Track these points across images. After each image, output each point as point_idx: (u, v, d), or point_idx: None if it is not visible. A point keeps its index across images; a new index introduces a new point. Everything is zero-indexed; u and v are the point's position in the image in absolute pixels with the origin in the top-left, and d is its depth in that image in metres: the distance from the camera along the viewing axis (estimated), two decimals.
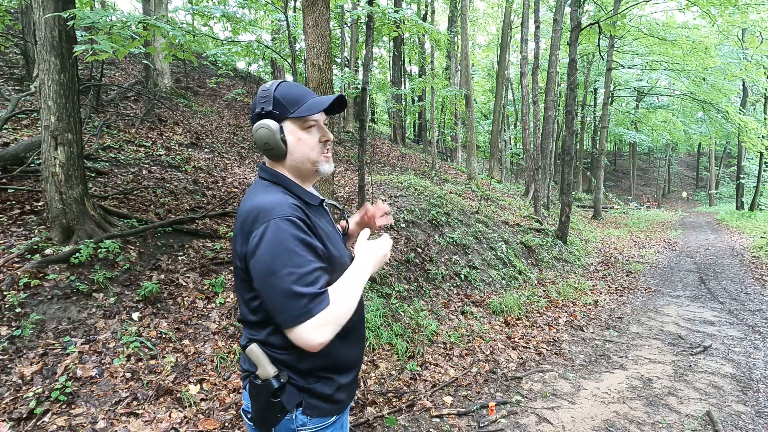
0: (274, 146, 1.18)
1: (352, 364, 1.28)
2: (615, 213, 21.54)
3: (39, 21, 3.68)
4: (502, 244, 7.39)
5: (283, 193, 1.19)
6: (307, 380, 1.17)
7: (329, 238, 1.21)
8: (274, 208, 1.10)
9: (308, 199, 1.24)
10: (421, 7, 22.54)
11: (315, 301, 1.05)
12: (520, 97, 17.86)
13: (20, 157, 4.79)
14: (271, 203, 1.11)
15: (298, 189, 1.23)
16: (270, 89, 1.20)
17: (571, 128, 10.88)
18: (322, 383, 1.19)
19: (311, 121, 1.21)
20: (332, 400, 1.21)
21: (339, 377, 1.23)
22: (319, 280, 1.08)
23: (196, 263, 4.25)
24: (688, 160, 45.37)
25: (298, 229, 1.08)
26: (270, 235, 1.06)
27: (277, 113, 1.18)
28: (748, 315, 5.84)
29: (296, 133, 1.19)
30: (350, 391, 1.30)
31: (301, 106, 1.18)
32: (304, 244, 1.08)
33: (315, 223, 1.17)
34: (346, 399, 1.28)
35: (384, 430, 2.90)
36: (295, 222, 1.09)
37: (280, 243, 1.06)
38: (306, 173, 1.25)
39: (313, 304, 1.04)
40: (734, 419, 3.16)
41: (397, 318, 4.38)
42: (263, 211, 1.10)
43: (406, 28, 7.75)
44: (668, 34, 14.63)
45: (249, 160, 8.88)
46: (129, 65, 11.07)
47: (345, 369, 1.25)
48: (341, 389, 1.24)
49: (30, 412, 2.47)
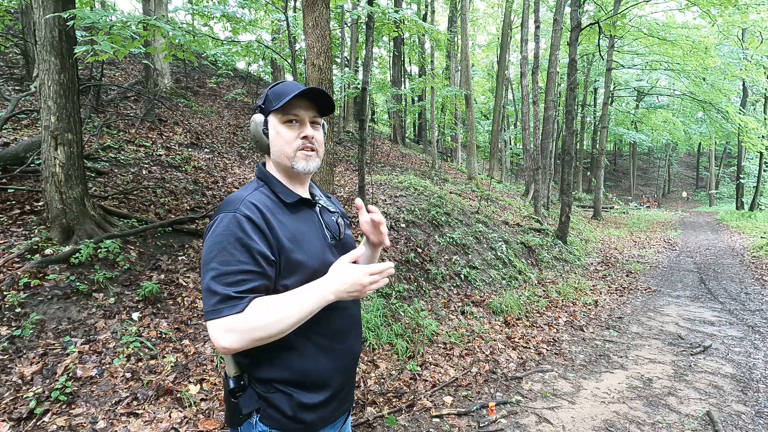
0: (258, 139, 1.21)
1: (321, 383, 1.17)
2: (615, 213, 21.55)
3: (39, 21, 3.68)
4: (502, 244, 7.39)
5: (258, 188, 1.18)
6: (265, 388, 1.13)
7: (296, 241, 1.13)
8: (231, 202, 1.11)
9: (284, 196, 1.19)
10: (421, 7, 22.55)
11: (226, 303, 1.01)
12: (520, 97, 17.86)
13: (20, 157, 4.79)
14: (233, 198, 1.13)
15: (277, 186, 1.20)
16: (269, 87, 1.24)
17: (571, 128, 10.88)
18: (280, 396, 1.12)
19: (291, 115, 1.18)
20: (294, 419, 1.13)
21: (300, 394, 1.13)
22: (241, 283, 1.03)
23: (196, 263, 4.25)
24: (688, 160, 45.37)
25: (238, 228, 1.05)
26: (214, 228, 1.08)
27: (264, 107, 1.21)
28: (748, 315, 5.84)
29: (276, 126, 1.19)
30: (324, 413, 1.19)
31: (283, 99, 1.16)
32: (240, 243, 1.04)
33: (272, 223, 1.10)
34: (315, 423, 1.17)
35: (384, 430, 2.90)
36: (239, 219, 1.06)
37: (216, 237, 1.06)
38: (286, 170, 1.22)
39: (224, 305, 1.01)
40: (734, 419, 3.16)
41: (397, 318, 4.38)
42: (223, 204, 1.12)
43: (406, 28, 7.75)
44: (668, 34, 14.64)
45: (249, 160, 8.87)
46: (129, 65, 11.07)
47: (311, 387, 1.15)
48: (305, 409, 1.14)
49: (30, 412, 2.47)
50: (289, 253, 1.11)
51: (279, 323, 1.02)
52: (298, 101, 1.18)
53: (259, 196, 1.15)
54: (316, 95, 1.20)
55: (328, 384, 1.19)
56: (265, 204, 1.13)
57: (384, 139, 19.36)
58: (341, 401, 1.25)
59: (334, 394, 1.21)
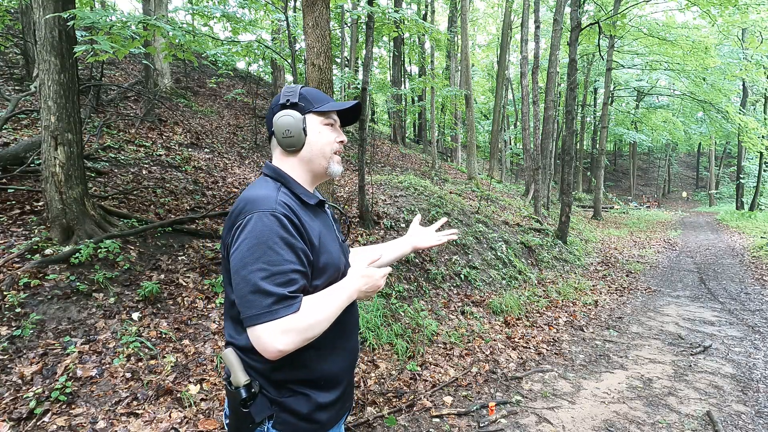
0: (295, 134, 1.18)
1: (334, 382, 1.19)
2: (615, 213, 21.55)
3: (39, 21, 3.68)
4: (502, 244, 7.39)
5: (278, 189, 1.15)
6: (280, 392, 1.11)
7: (321, 242, 1.15)
8: (262, 200, 1.07)
9: (305, 197, 1.19)
10: (421, 7, 22.55)
11: (283, 303, 0.99)
12: (520, 97, 17.86)
13: (20, 157, 4.79)
14: (260, 196, 1.09)
15: (297, 187, 1.19)
16: (297, 87, 1.25)
17: (571, 128, 10.88)
18: (297, 398, 1.12)
19: (332, 119, 1.24)
20: (309, 420, 1.13)
21: (317, 394, 1.14)
22: (292, 283, 1.02)
23: (196, 263, 4.25)
24: (688, 160, 45.37)
25: (280, 226, 1.04)
26: (251, 227, 1.03)
27: (302, 105, 1.21)
28: (748, 315, 5.84)
29: (317, 126, 1.22)
30: (334, 412, 1.20)
31: (325, 104, 1.23)
32: (284, 242, 1.03)
33: (305, 224, 1.11)
34: (328, 421, 1.19)
35: (384, 430, 2.90)
36: (278, 218, 1.05)
37: (258, 236, 1.02)
38: (316, 169, 1.23)
39: (280, 305, 0.99)
40: (734, 419, 3.16)
41: (397, 318, 4.38)
42: (250, 202, 1.08)
43: (406, 28, 7.76)
44: (668, 34, 14.64)
45: (249, 160, 8.87)
46: (129, 65, 11.07)
47: (325, 386, 1.16)
48: (321, 409, 1.15)
49: (30, 412, 2.47)
50: (318, 254, 1.13)
51: (325, 321, 1.06)
52: None
53: (285, 197, 1.13)
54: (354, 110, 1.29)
55: (341, 382, 1.22)
56: (292, 205, 1.12)
57: (384, 139, 19.35)
58: (346, 399, 1.28)
59: (344, 392, 1.24)
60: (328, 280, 1.14)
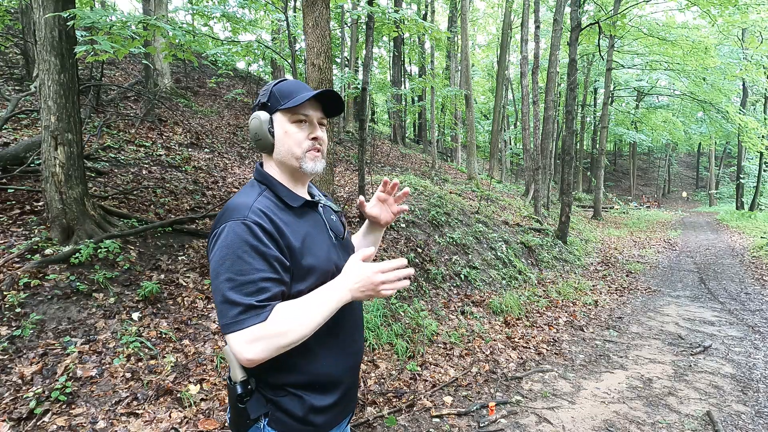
0: (262, 137, 1.16)
1: (330, 385, 1.16)
2: (615, 213, 21.55)
3: (39, 21, 3.68)
4: (502, 244, 7.39)
5: (262, 193, 1.13)
6: (275, 392, 1.11)
7: (306, 244, 1.12)
8: (237, 209, 1.06)
9: (289, 200, 1.16)
10: (421, 7, 22.56)
11: (249, 312, 0.98)
12: (520, 97, 17.86)
13: (20, 157, 4.79)
14: (237, 204, 1.07)
15: (281, 189, 1.17)
16: (271, 84, 1.20)
17: (571, 128, 10.88)
18: (290, 399, 1.11)
19: (300, 115, 1.16)
20: (304, 422, 1.12)
21: (311, 397, 1.12)
22: (262, 292, 1.00)
23: (196, 263, 4.25)
24: (688, 160, 45.37)
25: (251, 235, 1.02)
26: (223, 237, 1.03)
27: (270, 105, 1.17)
28: (748, 315, 5.84)
29: (284, 125, 1.16)
30: (332, 415, 1.18)
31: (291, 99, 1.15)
32: (255, 250, 1.01)
33: (283, 228, 1.08)
34: (325, 424, 1.16)
35: (384, 430, 2.90)
36: (249, 226, 1.02)
37: (229, 246, 1.01)
38: (291, 170, 1.19)
39: (247, 315, 0.98)
40: (734, 419, 3.16)
41: (397, 318, 4.38)
42: (227, 211, 1.07)
43: (406, 28, 7.75)
44: (668, 34, 14.64)
45: (249, 160, 8.87)
46: (129, 65, 11.07)
47: (320, 389, 1.14)
48: (316, 412, 1.13)
49: (30, 412, 2.47)
50: (300, 258, 1.09)
51: (302, 328, 1.01)
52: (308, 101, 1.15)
53: (265, 201, 1.11)
54: (329, 98, 1.19)
55: (340, 385, 1.19)
56: (271, 209, 1.09)
57: (384, 139, 19.36)
58: (348, 402, 1.25)
59: (344, 395, 1.21)
60: (315, 283, 1.11)
